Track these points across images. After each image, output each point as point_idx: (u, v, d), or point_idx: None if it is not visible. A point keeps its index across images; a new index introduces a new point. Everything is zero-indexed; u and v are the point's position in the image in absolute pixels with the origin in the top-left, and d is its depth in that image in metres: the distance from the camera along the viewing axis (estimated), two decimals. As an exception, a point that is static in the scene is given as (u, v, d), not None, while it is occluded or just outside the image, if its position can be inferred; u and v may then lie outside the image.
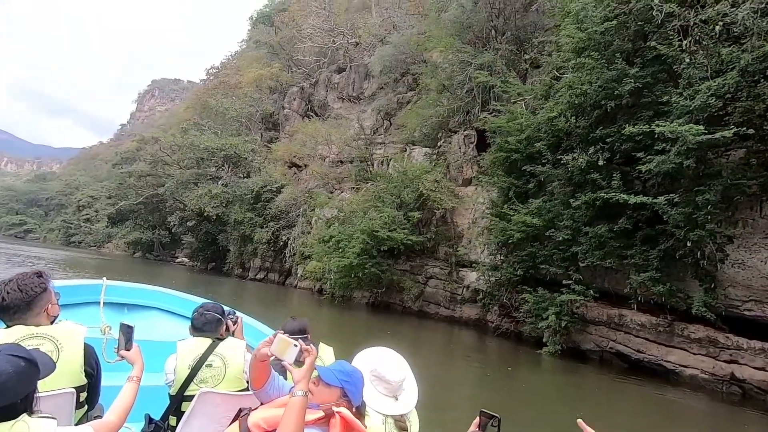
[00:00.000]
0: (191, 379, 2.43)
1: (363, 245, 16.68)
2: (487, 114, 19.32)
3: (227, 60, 60.91)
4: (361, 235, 16.80)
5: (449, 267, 18.75)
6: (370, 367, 1.80)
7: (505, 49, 19.81)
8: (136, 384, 1.99)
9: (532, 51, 20.69)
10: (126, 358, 2.10)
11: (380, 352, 1.88)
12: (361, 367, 1.79)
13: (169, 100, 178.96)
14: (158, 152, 41.05)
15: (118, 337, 2.12)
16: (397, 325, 18.77)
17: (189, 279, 33.48)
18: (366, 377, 1.75)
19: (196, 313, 2.70)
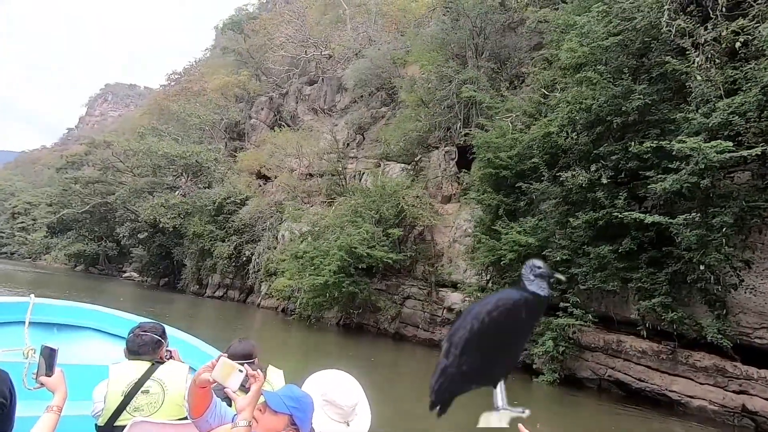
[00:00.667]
0: (123, 408, 2.22)
1: (340, 262, 15.52)
2: (468, 130, 18.97)
3: (190, 66, 58.50)
4: (338, 251, 15.65)
5: (428, 287, 17.88)
6: (321, 391, 1.69)
7: (486, 67, 19.66)
8: (55, 415, 1.77)
9: (512, 69, 20.72)
10: (46, 385, 1.86)
11: (332, 376, 1.76)
12: (312, 391, 1.67)
13: (123, 105, 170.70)
14: (110, 157, 38.06)
15: (39, 361, 1.90)
16: (371, 349, 17.57)
17: (139, 296, 30.63)
18: (316, 402, 1.63)
19: (131, 335, 2.48)
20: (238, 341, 2.65)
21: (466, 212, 17.46)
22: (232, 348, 2.56)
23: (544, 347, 10.53)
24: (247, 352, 2.54)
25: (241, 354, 2.47)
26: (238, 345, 2.60)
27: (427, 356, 16.76)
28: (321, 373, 1.82)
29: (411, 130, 20.02)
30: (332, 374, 1.81)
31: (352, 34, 34.75)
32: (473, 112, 18.57)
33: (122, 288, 38.32)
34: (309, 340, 18.82)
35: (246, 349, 2.56)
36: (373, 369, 13.81)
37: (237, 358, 2.24)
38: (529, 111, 13.88)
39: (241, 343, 2.62)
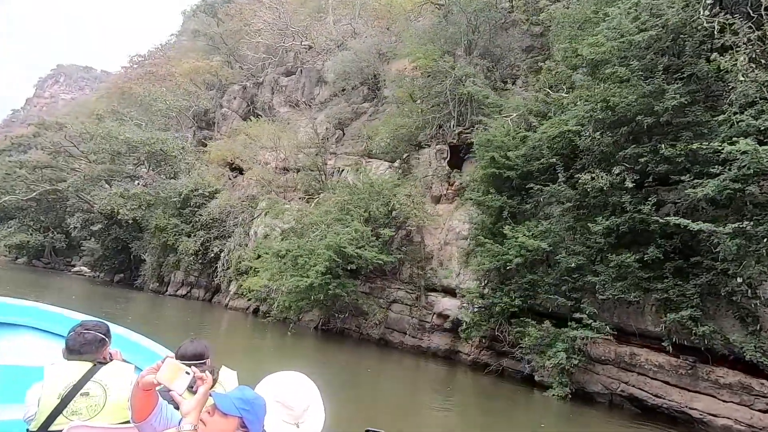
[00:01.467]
0: (59, 412, 2.03)
1: (329, 263, 14.29)
2: (462, 128, 18.22)
3: (156, 49, 54.99)
4: (326, 251, 14.40)
5: (416, 291, 16.94)
6: (273, 392, 1.62)
7: (481, 65, 19.01)
8: None
9: (505, 69, 20.19)
10: None
11: (286, 377, 1.68)
12: (264, 392, 1.62)
13: (77, 88, 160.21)
14: (62, 141, 34.76)
15: None
16: (355, 355, 16.41)
17: (91, 293, 27.93)
18: (268, 403, 1.58)
19: (72, 333, 2.29)
20: (189, 341, 2.56)
21: (460, 213, 16.66)
22: (183, 348, 2.48)
23: (555, 359, 9.80)
24: (198, 353, 2.46)
25: (191, 354, 2.41)
26: (189, 345, 2.51)
27: (415, 364, 15.82)
28: (275, 375, 1.72)
29: (401, 127, 19.04)
30: (286, 375, 1.72)
31: (334, 25, 33.42)
32: (468, 110, 17.83)
33: (72, 284, 35.13)
34: (285, 345, 17.42)
35: (197, 350, 2.48)
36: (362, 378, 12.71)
37: (187, 358, 2.23)
38: (535, 110, 13.22)
39: (192, 343, 2.53)
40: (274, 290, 18.44)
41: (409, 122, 18.75)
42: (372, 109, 29.74)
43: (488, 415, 10.64)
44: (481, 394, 12.50)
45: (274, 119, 31.92)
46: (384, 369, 15.09)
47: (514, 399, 11.43)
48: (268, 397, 1.61)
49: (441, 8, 22.43)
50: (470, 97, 17.31)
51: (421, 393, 12.28)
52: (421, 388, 13.00)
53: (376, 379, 13.37)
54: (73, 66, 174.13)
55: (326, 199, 17.77)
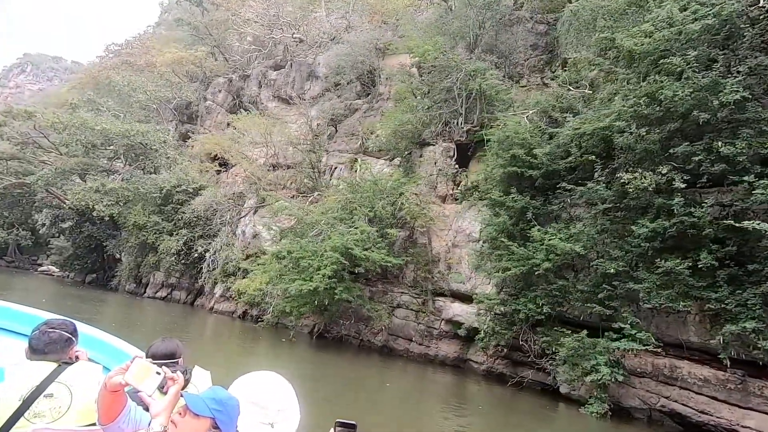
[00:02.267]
0: (21, 414, 1.90)
1: (336, 266, 13.16)
2: (470, 126, 17.40)
3: (133, 39, 52.32)
4: (332, 253, 13.26)
5: (422, 295, 15.99)
6: (247, 393, 1.59)
7: (489, 61, 18.26)
8: None
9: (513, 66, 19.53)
10: None
11: (260, 377, 1.64)
12: (238, 393, 1.58)
13: (45, 79, 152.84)
14: (31, 131, 32.27)
15: None
16: (358, 364, 15.31)
17: (62, 294, 25.79)
18: (242, 404, 1.54)
19: (37, 332, 2.15)
20: (161, 340, 2.49)
21: (470, 214, 15.81)
22: (154, 347, 2.41)
23: (596, 374, 8.99)
24: (170, 351, 2.39)
25: (162, 354, 2.35)
26: (160, 344, 2.44)
27: (422, 373, 14.85)
28: (248, 375, 1.65)
29: (405, 123, 18.03)
30: (259, 375, 1.65)
31: (327, 18, 32.21)
32: (477, 107, 17.00)
33: (39, 284, 32.67)
34: (282, 352, 16.16)
35: (169, 348, 2.42)
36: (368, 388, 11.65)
37: (158, 357, 2.22)
38: (559, 106, 12.47)
39: (164, 342, 2.47)
40: (268, 294, 17.15)
41: (413, 119, 17.77)
42: (366, 106, 28.70)
43: None
44: (502, 407, 11.63)
45: (262, 114, 30.46)
46: (390, 378, 14.06)
47: (541, 414, 10.60)
48: (241, 397, 1.55)
49: (445, 1, 21.59)
50: (481, 93, 16.50)
51: (433, 405, 11.32)
52: (432, 400, 12.03)
53: (383, 389, 12.33)
54: (42, 55, 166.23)
55: (326, 197, 16.57)
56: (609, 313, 9.49)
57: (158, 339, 2.52)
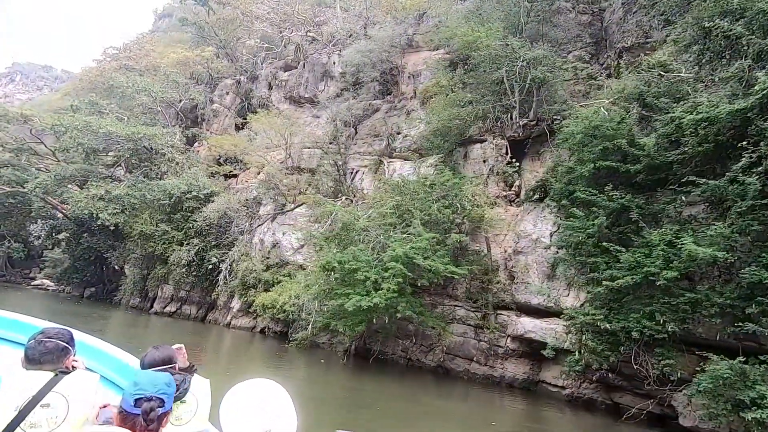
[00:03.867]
0: (17, 424, 1.85)
1: (401, 278, 11.29)
2: (527, 120, 15.72)
3: (131, 42, 50.15)
4: (395, 263, 11.39)
5: (481, 309, 14.15)
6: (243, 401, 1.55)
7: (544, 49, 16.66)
8: None
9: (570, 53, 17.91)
10: None
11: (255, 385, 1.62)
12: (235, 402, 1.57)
13: (35, 88, 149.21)
14: (26, 137, 30.00)
15: None
16: (412, 387, 13.32)
17: (60, 310, 23.39)
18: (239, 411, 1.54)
19: (32, 341, 2.12)
20: (153, 348, 2.44)
21: (533, 216, 14.07)
22: (150, 356, 2.36)
23: (762, 412, 7.19)
24: (168, 356, 2.36)
25: (161, 360, 2.33)
26: (156, 352, 2.39)
27: (489, 398, 12.96)
28: (243, 383, 1.64)
29: (452, 119, 16.27)
30: (254, 383, 1.64)
31: (342, 15, 30.58)
32: (534, 99, 15.33)
33: (34, 299, 30.18)
34: (326, 376, 14.15)
35: (166, 354, 2.37)
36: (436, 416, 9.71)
37: (158, 364, 2.25)
38: (654, 91, 10.83)
39: (159, 349, 2.41)
40: (303, 309, 15.18)
41: (462, 113, 16.02)
42: (386, 106, 27.02)
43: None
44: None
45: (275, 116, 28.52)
46: (463, 407, 12.13)
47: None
48: (238, 405, 1.56)
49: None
50: (540, 83, 14.87)
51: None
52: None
53: (456, 419, 10.42)
54: (31, 64, 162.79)
55: (379, 201, 14.66)
56: (756, 332, 7.74)
57: (150, 347, 2.50)
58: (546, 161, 15.30)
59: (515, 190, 15.85)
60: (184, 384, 2.23)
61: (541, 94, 15.09)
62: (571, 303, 11.85)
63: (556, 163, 13.63)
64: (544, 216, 13.78)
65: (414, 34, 26.67)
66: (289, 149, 24.03)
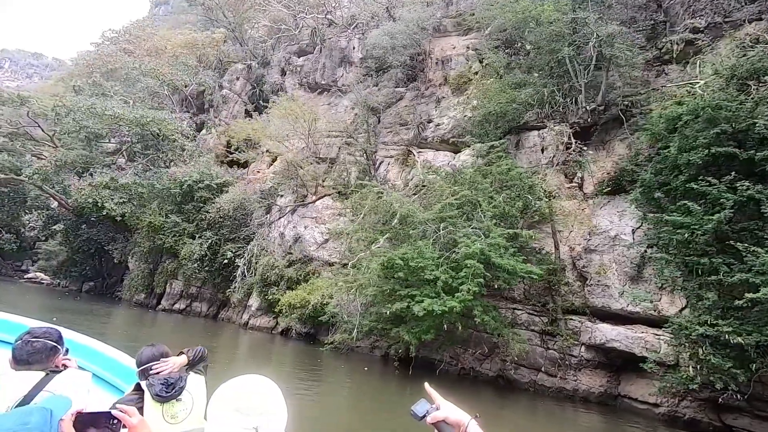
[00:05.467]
0: None
1: (481, 279, 9.63)
2: (596, 105, 14.09)
3: (132, 25, 47.47)
4: (472, 262, 9.72)
5: (548, 313, 12.56)
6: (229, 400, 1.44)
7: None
8: None
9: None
10: None
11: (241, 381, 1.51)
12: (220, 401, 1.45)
13: (24, 76, 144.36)
14: (21, 120, 27.62)
15: None
16: (470, 399, 11.77)
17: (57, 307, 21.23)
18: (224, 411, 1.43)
19: (19, 342, 2.06)
20: (148, 346, 2.48)
21: (608, 210, 12.50)
22: (146, 353, 2.41)
23: None
24: (164, 352, 2.41)
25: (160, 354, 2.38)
26: (152, 349, 2.44)
27: (562, 412, 11.40)
28: (231, 381, 1.50)
29: (509, 102, 14.57)
30: (241, 380, 1.50)
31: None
32: (604, 80, 13.68)
33: (28, 294, 27.90)
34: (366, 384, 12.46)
35: (161, 351, 2.43)
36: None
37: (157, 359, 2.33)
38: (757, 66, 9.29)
39: (155, 347, 2.46)
40: (344, 310, 13.42)
41: (521, 97, 14.32)
42: (411, 94, 25.27)
43: None
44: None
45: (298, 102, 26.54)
46: (529, 421, 10.58)
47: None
48: (223, 405, 1.43)
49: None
50: (611, 63, 13.25)
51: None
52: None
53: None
54: (21, 51, 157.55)
55: (437, 191, 12.89)
56: None
57: (145, 345, 2.48)
58: (615, 150, 13.73)
59: (578, 182, 14.24)
60: (180, 382, 2.30)
61: (612, 76, 13.48)
62: (666, 309, 10.31)
63: (636, 152, 12.06)
64: (622, 210, 12.21)
65: (443, 17, 24.88)
66: (311, 137, 22.14)
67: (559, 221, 13.12)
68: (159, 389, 2.21)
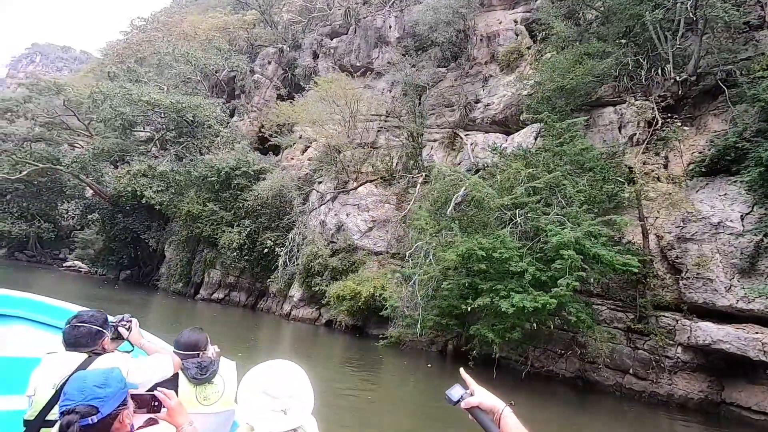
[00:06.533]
0: (55, 402, 1.92)
1: (579, 272, 8.39)
2: (687, 75, 12.41)
3: (159, 13, 46.95)
4: (568, 252, 8.45)
5: (637, 310, 11.20)
6: (257, 383, 1.55)
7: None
8: None
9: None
10: None
11: (269, 366, 1.60)
12: (249, 385, 1.55)
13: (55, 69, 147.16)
14: (57, 108, 27.26)
15: None
16: (546, 400, 10.62)
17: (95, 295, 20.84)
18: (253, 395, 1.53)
19: (68, 326, 2.22)
20: (188, 330, 2.59)
21: (710, 194, 10.98)
22: (183, 337, 2.51)
23: None
24: (193, 343, 2.49)
25: (185, 344, 2.48)
26: (188, 334, 2.54)
27: (656, 420, 10.12)
28: (258, 366, 1.60)
29: (583, 74, 13.00)
30: (268, 365, 1.60)
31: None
32: (697, 47, 12.00)
33: (67, 282, 27.92)
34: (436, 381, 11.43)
35: (192, 340, 2.50)
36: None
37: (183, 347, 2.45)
38: None
39: (191, 333, 2.56)
40: (407, 304, 12.35)
41: (597, 68, 12.74)
42: (453, 74, 23.77)
43: None
44: None
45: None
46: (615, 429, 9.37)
47: None
48: (252, 389, 1.52)
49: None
50: (710, 25, 11.55)
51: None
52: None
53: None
54: (51, 45, 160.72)
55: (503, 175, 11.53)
56: None
57: (185, 330, 2.59)
58: (708, 126, 12.11)
59: (662, 162, 12.68)
60: (212, 366, 2.42)
61: (708, 42, 11.78)
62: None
63: (744, 126, 10.46)
64: (724, 194, 10.68)
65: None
66: (353, 119, 20.95)
67: (644, 207, 11.65)
68: (194, 372, 2.32)
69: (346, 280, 16.59)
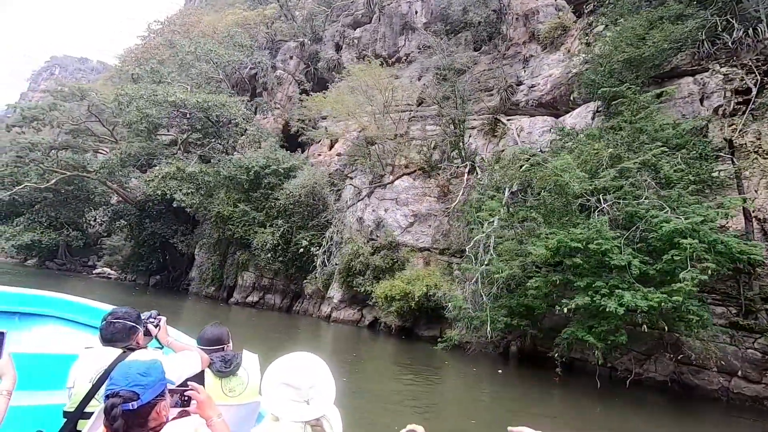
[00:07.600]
0: (92, 396, 2.04)
1: (712, 263, 7.11)
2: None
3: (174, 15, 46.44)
4: (689, 240, 7.14)
5: (742, 303, 9.79)
6: (279, 375, 1.60)
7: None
8: (5, 398, 1.75)
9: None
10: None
11: (291, 358, 1.66)
12: (272, 376, 1.61)
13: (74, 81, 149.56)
14: (81, 115, 26.75)
15: None
16: (642, 409, 9.31)
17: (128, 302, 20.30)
18: (276, 385, 1.59)
19: (104, 322, 2.30)
20: (211, 326, 2.63)
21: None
22: (207, 332, 2.57)
23: None
24: (216, 338, 2.54)
25: (208, 338, 2.52)
26: (211, 329, 2.60)
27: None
28: (281, 358, 1.65)
29: (658, 42, 11.51)
30: (290, 357, 1.64)
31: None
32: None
33: (99, 289, 27.36)
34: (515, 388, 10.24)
35: (215, 334, 2.55)
36: None
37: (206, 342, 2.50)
38: None
39: (214, 327, 2.61)
40: (469, 304, 11.17)
41: (676, 32, 11.24)
42: (487, 58, 22.40)
43: None
44: None
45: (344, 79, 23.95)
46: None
47: None
48: (274, 380, 1.56)
49: None
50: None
51: None
52: None
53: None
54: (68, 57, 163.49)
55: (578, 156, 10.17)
56: None
57: (208, 325, 2.64)
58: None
59: (753, 138, 11.16)
60: (236, 359, 2.47)
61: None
62: None
63: None
64: None
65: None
66: (388, 108, 19.75)
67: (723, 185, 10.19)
68: (219, 366, 2.37)
69: (393, 279, 15.48)
